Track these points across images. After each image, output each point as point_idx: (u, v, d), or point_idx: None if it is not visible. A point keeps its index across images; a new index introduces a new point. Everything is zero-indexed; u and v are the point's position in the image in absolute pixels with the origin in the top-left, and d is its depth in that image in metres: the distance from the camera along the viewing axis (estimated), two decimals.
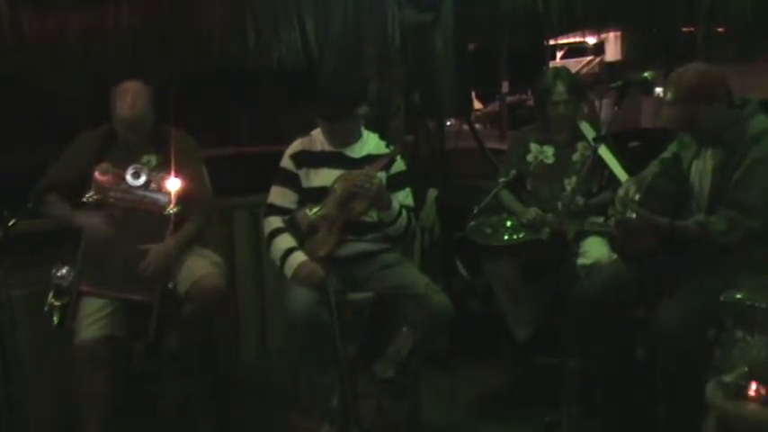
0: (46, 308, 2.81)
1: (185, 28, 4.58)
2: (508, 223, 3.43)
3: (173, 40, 4.57)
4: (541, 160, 3.47)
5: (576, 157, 3.43)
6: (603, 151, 3.21)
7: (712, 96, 2.60)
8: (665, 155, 2.89)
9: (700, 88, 2.60)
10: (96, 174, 2.87)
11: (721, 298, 2.37)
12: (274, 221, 3.01)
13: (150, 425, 3.11)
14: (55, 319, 2.80)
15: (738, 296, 2.36)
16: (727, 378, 2.20)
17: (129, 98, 2.90)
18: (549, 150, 3.47)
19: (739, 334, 2.29)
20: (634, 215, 2.58)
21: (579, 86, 3.52)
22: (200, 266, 2.95)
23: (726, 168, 2.61)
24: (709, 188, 2.67)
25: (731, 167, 2.59)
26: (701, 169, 2.72)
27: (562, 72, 3.44)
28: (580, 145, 3.43)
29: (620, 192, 2.73)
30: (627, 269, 2.85)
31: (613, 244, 3.10)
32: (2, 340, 3.00)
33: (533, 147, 3.50)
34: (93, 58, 4.50)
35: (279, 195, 3.05)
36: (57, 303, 2.80)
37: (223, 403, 3.19)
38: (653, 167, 2.87)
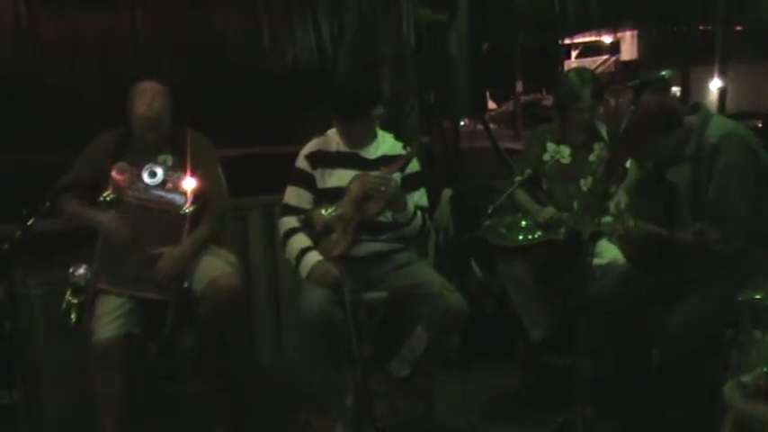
0: (63, 305, 2.83)
1: (200, 29, 4.60)
2: (523, 223, 3.42)
3: (187, 41, 4.59)
4: (558, 160, 3.46)
5: (592, 157, 3.41)
6: None
7: (667, 124, 2.57)
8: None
9: (645, 122, 2.52)
10: (113, 172, 2.89)
11: (739, 298, 2.36)
12: (289, 221, 3.02)
13: (165, 423, 3.12)
14: (72, 316, 2.83)
15: (756, 296, 2.35)
16: (746, 378, 2.18)
17: (147, 97, 2.92)
18: (566, 150, 3.46)
19: (757, 334, 2.28)
20: (632, 223, 2.55)
21: (602, 89, 3.49)
22: (216, 266, 2.96)
23: (698, 184, 2.59)
24: (688, 206, 2.64)
25: (703, 183, 2.57)
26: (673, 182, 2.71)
27: (587, 76, 3.40)
28: (597, 146, 3.42)
29: (612, 204, 2.72)
30: (639, 271, 2.83)
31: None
32: (20, 339, 3.02)
33: (550, 146, 3.48)
34: (109, 60, 4.53)
35: (294, 195, 3.06)
36: (74, 301, 2.83)
37: (238, 402, 3.20)
38: (632, 172, 2.86)
